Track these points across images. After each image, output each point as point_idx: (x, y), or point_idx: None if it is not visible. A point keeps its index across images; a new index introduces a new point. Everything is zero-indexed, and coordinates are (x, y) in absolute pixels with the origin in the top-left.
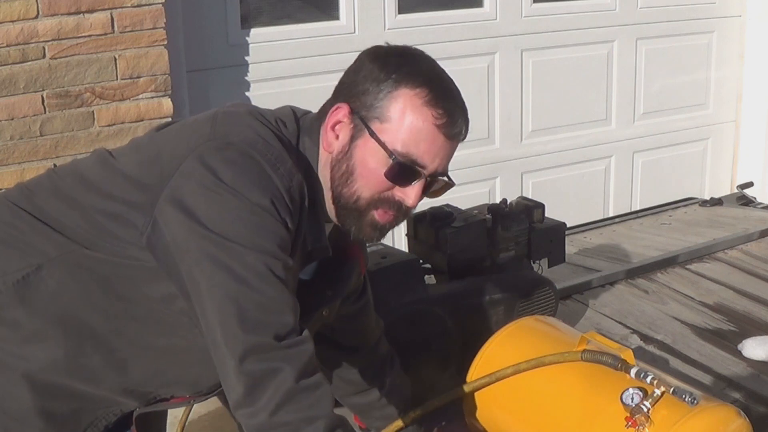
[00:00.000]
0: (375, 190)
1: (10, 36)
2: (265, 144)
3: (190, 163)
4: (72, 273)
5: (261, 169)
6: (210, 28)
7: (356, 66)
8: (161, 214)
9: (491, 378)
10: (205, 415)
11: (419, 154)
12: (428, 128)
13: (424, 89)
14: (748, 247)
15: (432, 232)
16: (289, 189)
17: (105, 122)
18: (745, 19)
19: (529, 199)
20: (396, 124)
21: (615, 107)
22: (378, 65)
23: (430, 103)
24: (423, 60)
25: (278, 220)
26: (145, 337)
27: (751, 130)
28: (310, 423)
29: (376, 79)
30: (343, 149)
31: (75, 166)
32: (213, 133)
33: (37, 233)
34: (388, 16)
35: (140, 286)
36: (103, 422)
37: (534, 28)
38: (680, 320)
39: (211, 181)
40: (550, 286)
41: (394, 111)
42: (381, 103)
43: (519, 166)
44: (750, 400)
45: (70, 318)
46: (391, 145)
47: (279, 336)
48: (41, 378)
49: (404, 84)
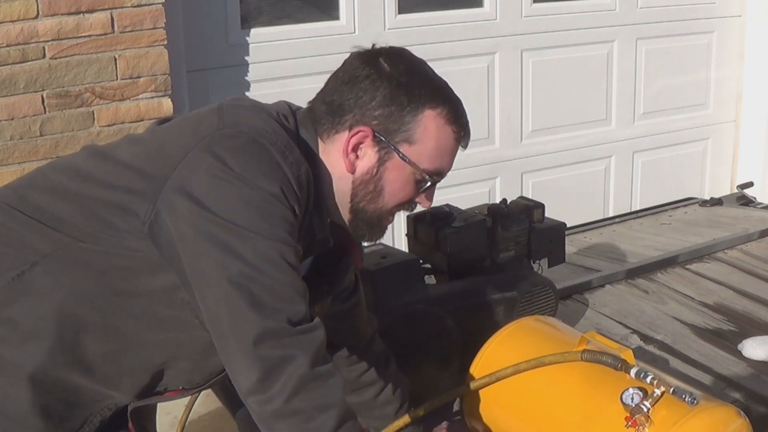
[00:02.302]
0: (400, 202)
1: (10, 36)
2: (273, 133)
3: (197, 153)
4: (67, 269)
5: (270, 157)
6: (210, 28)
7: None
8: (166, 203)
9: (491, 378)
10: (205, 415)
11: (443, 166)
12: (451, 144)
13: (443, 108)
14: (748, 247)
15: (432, 232)
16: (297, 177)
17: (105, 122)
18: (745, 19)
19: (529, 199)
20: (424, 145)
21: (615, 107)
22: (394, 86)
23: (451, 120)
24: (425, 70)
25: (287, 207)
26: (141, 331)
27: (751, 130)
28: (324, 411)
29: (398, 103)
30: (370, 171)
31: (66, 161)
32: (221, 122)
33: (31, 231)
34: (388, 16)
35: (138, 278)
36: (98, 418)
37: (534, 28)
38: (680, 320)
39: (221, 169)
40: (550, 286)
41: (421, 133)
42: (407, 126)
43: (519, 166)
44: (750, 400)
45: (66, 314)
46: (421, 165)
47: (292, 322)
48: (39, 375)
49: (427, 106)
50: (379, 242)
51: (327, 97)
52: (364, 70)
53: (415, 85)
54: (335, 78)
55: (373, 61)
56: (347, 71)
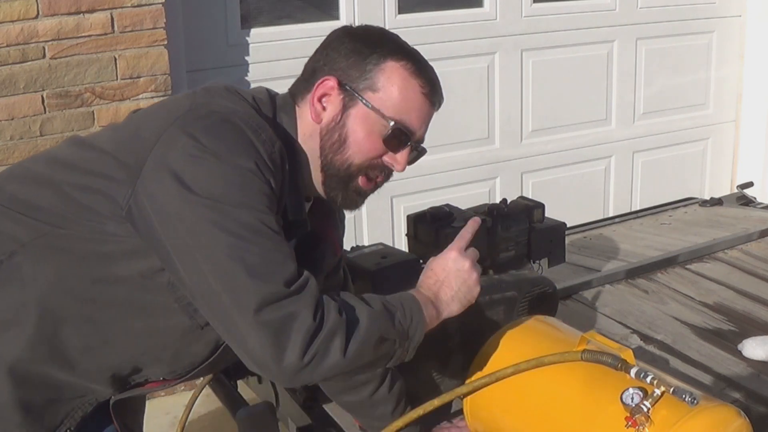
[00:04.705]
0: (367, 156)
1: (10, 36)
2: (245, 113)
3: (171, 132)
4: (46, 257)
5: (243, 134)
6: (210, 28)
7: (332, 44)
8: (143, 185)
9: (491, 378)
10: (205, 415)
11: (410, 120)
12: (417, 96)
13: (408, 61)
14: (748, 247)
15: (432, 232)
16: (271, 154)
17: (105, 122)
18: (745, 19)
19: (529, 199)
20: (387, 93)
21: (615, 107)
22: (360, 41)
23: (416, 73)
24: (393, 36)
25: (263, 181)
26: (120, 319)
27: (751, 130)
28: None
29: (360, 53)
30: (334, 119)
31: (46, 152)
32: (193, 104)
33: (9, 221)
34: (388, 16)
35: (118, 263)
36: (79, 413)
37: (534, 28)
38: (680, 320)
39: (195, 146)
40: (550, 286)
41: (384, 81)
42: (370, 74)
43: (519, 166)
44: (750, 400)
45: (45, 303)
46: (384, 112)
47: (288, 282)
48: (18, 368)
49: (390, 57)
50: (379, 242)
51: (303, 71)
52: (334, 35)
53: (378, 40)
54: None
55: (344, 28)
56: (322, 44)
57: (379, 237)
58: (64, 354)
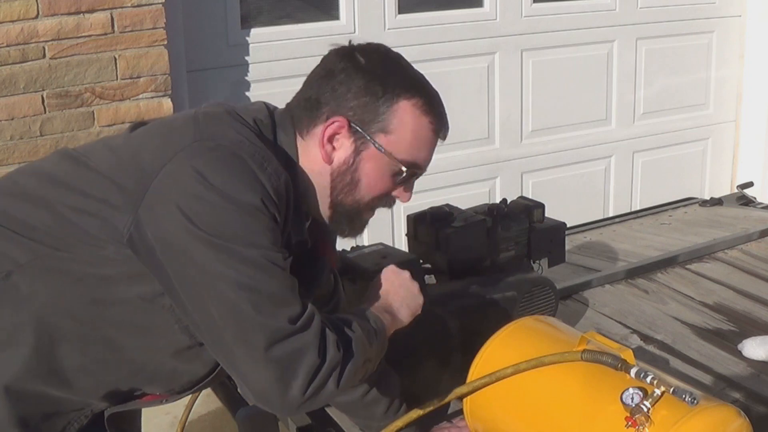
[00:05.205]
0: (376, 195)
1: (10, 36)
2: (250, 145)
3: (177, 165)
4: (43, 278)
5: (249, 170)
6: (210, 28)
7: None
8: (146, 215)
9: (491, 378)
10: (205, 415)
11: (421, 158)
12: (428, 135)
13: (419, 98)
14: (748, 247)
15: (432, 232)
16: (276, 187)
17: (105, 122)
18: (745, 19)
19: (529, 199)
20: (400, 136)
21: (615, 107)
22: (369, 77)
23: (426, 111)
24: (401, 62)
25: (269, 216)
26: (119, 339)
27: (751, 130)
28: None
29: (372, 93)
30: (346, 161)
31: (36, 166)
32: (197, 133)
33: (4, 240)
34: (388, 16)
35: (117, 286)
36: (75, 426)
37: (534, 28)
38: (680, 320)
39: (201, 183)
40: (550, 286)
41: (397, 123)
42: (383, 117)
43: (519, 166)
44: (750, 400)
45: (43, 323)
46: (398, 155)
47: (293, 319)
48: (15, 386)
49: (402, 96)
50: (379, 242)
51: (304, 94)
52: (340, 63)
53: (390, 77)
54: (313, 75)
55: (349, 55)
56: (324, 67)
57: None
58: (60, 373)
